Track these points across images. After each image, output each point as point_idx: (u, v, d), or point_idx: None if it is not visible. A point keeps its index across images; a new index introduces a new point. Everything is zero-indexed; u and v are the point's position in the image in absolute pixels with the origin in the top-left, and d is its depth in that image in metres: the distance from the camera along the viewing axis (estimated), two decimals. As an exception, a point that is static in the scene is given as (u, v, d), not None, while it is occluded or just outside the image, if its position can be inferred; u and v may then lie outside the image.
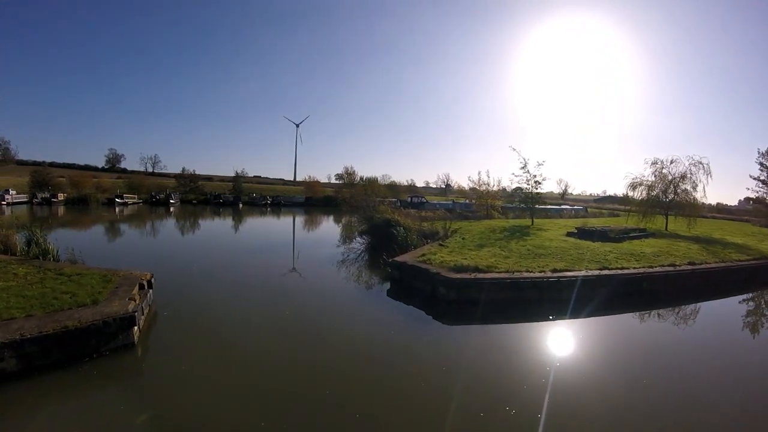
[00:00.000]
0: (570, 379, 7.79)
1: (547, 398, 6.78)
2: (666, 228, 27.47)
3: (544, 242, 19.33)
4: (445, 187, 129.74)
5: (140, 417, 5.90)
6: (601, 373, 8.25)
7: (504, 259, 14.72)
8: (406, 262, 13.40)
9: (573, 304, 11.92)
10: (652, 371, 8.38)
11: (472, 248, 16.89)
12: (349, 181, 73.99)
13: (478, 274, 12.15)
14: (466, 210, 41.77)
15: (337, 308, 12.09)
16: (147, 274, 10.38)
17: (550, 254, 16.18)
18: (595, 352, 9.56)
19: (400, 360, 8.47)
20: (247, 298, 12.37)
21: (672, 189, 28.10)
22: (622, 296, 13.33)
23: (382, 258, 16.33)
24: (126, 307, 8.01)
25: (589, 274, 13.52)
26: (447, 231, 20.96)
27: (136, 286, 9.36)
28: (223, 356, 8.19)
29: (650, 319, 12.29)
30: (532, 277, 12.66)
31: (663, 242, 20.72)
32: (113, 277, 9.91)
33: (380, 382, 7.49)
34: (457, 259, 13.64)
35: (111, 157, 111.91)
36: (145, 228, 33.72)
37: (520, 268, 13.43)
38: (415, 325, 10.82)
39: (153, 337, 8.86)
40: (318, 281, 15.60)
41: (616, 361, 8.98)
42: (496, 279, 11.94)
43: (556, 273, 13.35)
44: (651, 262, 15.74)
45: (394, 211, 23.83)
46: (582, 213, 54.79)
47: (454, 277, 11.52)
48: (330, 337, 9.57)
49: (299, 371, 7.67)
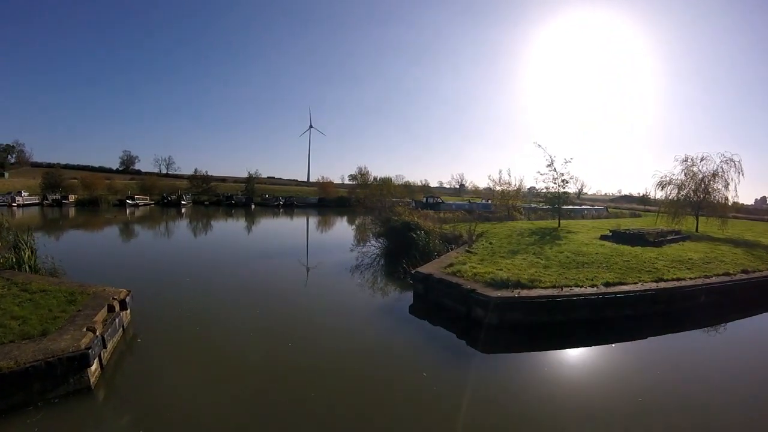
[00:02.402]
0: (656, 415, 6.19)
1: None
2: (696, 229, 25.75)
3: (581, 247, 17.20)
4: (459, 187, 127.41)
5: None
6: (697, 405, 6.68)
7: (544, 270, 12.61)
8: (432, 274, 11.33)
9: (632, 324, 10.28)
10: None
11: (504, 255, 14.82)
12: (362, 182, 72.29)
13: (522, 290, 10.05)
14: (486, 211, 39.51)
15: (352, 330, 10.13)
16: (122, 292, 8.59)
17: (593, 263, 14.06)
18: (673, 380, 7.89)
19: (429, 395, 6.83)
20: (246, 318, 10.42)
21: (703, 188, 26.43)
22: (682, 311, 11.59)
23: (402, 267, 14.39)
24: (78, 342, 6.18)
25: (647, 288, 11.49)
26: (472, 235, 18.84)
27: (103, 309, 7.56)
28: (210, 394, 6.45)
29: (722, 334, 10.89)
30: (585, 293, 10.52)
31: (703, 246, 18.92)
32: (80, 296, 8.14)
33: (406, 424, 5.95)
34: (491, 271, 11.57)
35: (125, 159, 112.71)
36: (149, 231, 32.29)
37: (568, 282, 11.31)
38: (444, 352, 8.83)
39: (122, 374, 7.05)
40: (330, 295, 13.57)
41: (701, 392, 7.39)
42: (545, 298, 9.83)
43: (611, 288, 11.25)
44: (704, 270, 13.84)
45: (412, 213, 21.82)
46: (604, 213, 52.11)
47: (494, 295, 9.42)
48: (346, 367, 7.86)
49: (308, 416, 5.97)
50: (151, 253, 21.02)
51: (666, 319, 11.03)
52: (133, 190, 61.46)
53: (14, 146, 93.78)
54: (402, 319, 10.96)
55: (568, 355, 9.03)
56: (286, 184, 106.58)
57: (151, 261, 18.42)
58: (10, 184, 60.86)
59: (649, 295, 11.23)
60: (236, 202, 64.09)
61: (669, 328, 10.62)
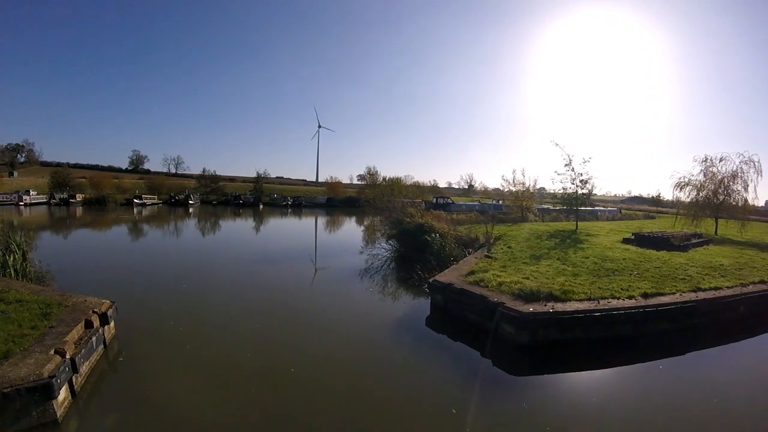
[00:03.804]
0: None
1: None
2: (716, 232, 24.76)
3: (605, 252, 16.05)
4: (468, 188, 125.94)
5: None
6: None
7: (574, 279, 11.45)
8: (452, 284, 10.19)
9: (671, 338, 9.36)
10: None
11: (527, 261, 13.69)
12: (371, 182, 71.26)
13: (555, 303, 8.91)
14: (498, 211, 38.21)
15: (363, 344, 9.10)
16: (104, 303, 7.62)
17: (623, 269, 12.90)
18: (725, 399, 7.10)
19: (451, 422, 5.94)
20: (246, 333, 9.38)
21: (722, 189, 25.47)
22: (722, 323, 10.52)
23: (416, 273, 13.31)
24: (41, 369, 5.20)
25: (687, 300, 10.35)
26: (490, 238, 17.67)
27: (78, 325, 6.58)
28: (202, 419, 5.57)
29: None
30: (624, 307, 9.35)
31: (729, 251, 17.92)
32: (56, 309, 7.18)
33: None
34: (518, 280, 10.44)
35: (134, 159, 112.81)
36: (152, 231, 31.48)
37: (603, 293, 10.15)
38: (467, 373, 7.76)
39: (99, 402, 6.07)
40: (338, 304, 12.49)
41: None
42: (582, 312, 8.66)
43: (650, 299, 10.11)
44: (738, 278, 12.75)
45: (425, 215, 20.71)
46: (618, 215, 50.43)
47: (526, 310, 8.26)
48: (357, 387, 7.03)
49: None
50: (150, 256, 20.11)
51: (706, 331, 10.01)
52: (141, 189, 61.14)
53: (24, 146, 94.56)
54: (418, 332, 9.89)
55: (607, 376, 8.02)
56: (294, 184, 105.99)
57: (148, 264, 17.47)
58: (19, 183, 60.86)
59: (689, 306, 10.14)
60: (244, 201, 63.52)
61: (711, 342, 9.69)
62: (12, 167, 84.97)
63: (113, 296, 8.82)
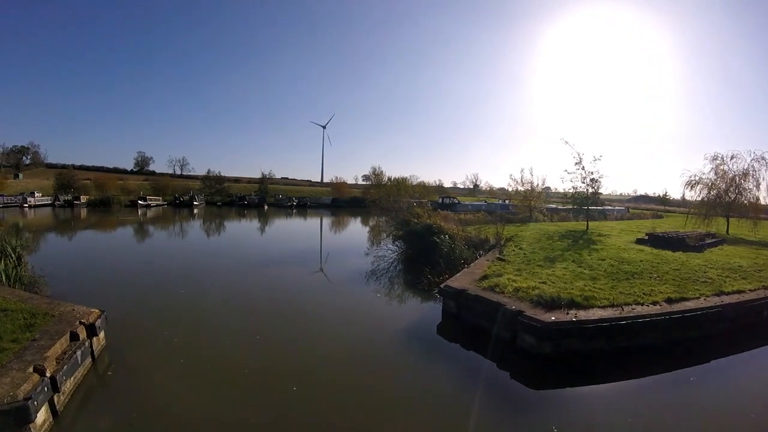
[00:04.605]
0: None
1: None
2: (727, 231, 24.14)
3: (620, 253, 15.42)
4: (473, 187, 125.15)
5: None
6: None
7: (593, 283, 10.81)
8: (466, 290, 9.57)
9: (694, 346, 8.79)
10: None
11: (542, 263, 13.06)
12: (376, 182, 70.69)
13: (578, 311, 8.28)
14: (506, 211, 37.53)
15: (369, 352, 8.56)
16: (92, 313, 7.09)
17: (641, 272, 12.28)
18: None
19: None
20: (246, 335, 8.85)
21: (734, 188, 24.83)
22: (745, 328, 9.97)
23: (426, 277, 12.73)
24: (17, 389, 4.67)
25: (712, 305, 9.73)
26: (501, 239, 17.04)
27: (63, 338, 6.06)
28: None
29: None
30: (650, 313, 8.73)
31: (745, 251, 17.30)
32: (41, 320, 6.67)
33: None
34: (535, 285, 9.81)
35: (139, 160, 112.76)
36: (154, 233, 31.11)
37: (626, 299, 9.51)
38: (483, 387, 7.14)
39: (84, 423, 5.55)
40: (344, 309, 11.90)
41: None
42: (607, 321, 8.04)
43: (675, 305, 9.49)
44: (759, 280, 12.15)
45: (432, 215, 20.10)
46: (626, 214, 49.52)
47: (547, 320, 7.63)
48: (365, 395, 6.65)
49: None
50: (150, 258, 19.62)
51: (729, 337, 9.40)
52: (145, 190, 61.04)
53: (29, 148, 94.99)
54: (429, 340, 9.31)
55: (636, 389, 7.38)
56: (299, 184, 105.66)
57: (148, 267, 16.96)
58: (24, 184, 60.99)
59: (715, 312, 9.53)
60: (249, 202, 63.34)
61: (733, 348, 9.14)
62: (17, 169, 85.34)
63: (108, 303, 8.36)
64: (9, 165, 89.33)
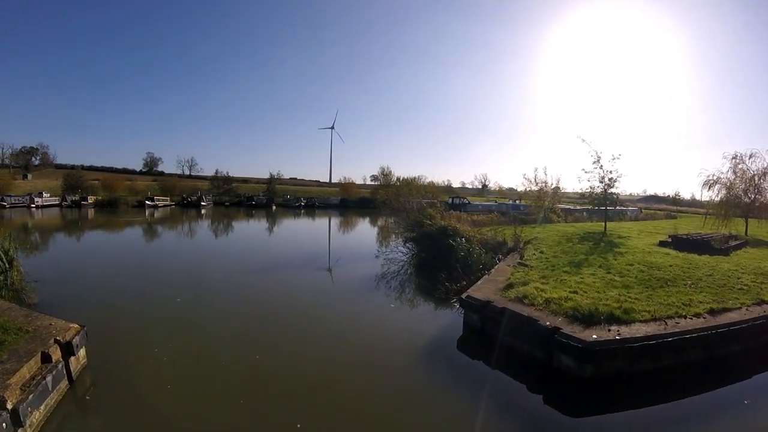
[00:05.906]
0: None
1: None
2: (746, 232, 23.17)
3: (646, 257, 14.38)
4: (482, 187, 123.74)
5: None
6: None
7: (627, 291, 9.80)
8: (491, 302, 8.58)
9: (740, 362, 7.96)
10: None
11: (567, 269, 12.04)
12: (385, 182, 69.88)
13: (619, 327, 7.30)
14: (518, 212, 36.41)
15: (382, 370, 7.65)
16: (71, 329, 6.26)
17: (675, 278, 11.27)
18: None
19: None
20: (248, 347, 7.98)
21: (753, 187, 23.95)
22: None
23: (443, 283, 11.81)
24: (-39, 430, 3.86)
25: (757, 315, 8.79)
26: (520, 242, 16.03)
27: (33, 359, 5.25)
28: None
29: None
30: (697, 328, 7.73)
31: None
32: (13, 336, 5.86)
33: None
34: (566, 295, 8.82)
35: (148, 161, 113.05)
36: (158, 235, 30.46)
37: (668, 311, 8.50)
38: (513, 414, 6.28)
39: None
40: (353, 318, 11.00)
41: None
42: (653, 337, 7.05)
43: (718, 317, 8.52)
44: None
45: (446, 216, 19.16)
46: (640, 215, 48.11)
47: (589, 339, 6.64)
48: (379, 414, 6.06)
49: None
50: (149, 262, 18.85)
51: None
52: (154, 191, 60.80)
53: (38, 148, 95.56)
54: (449, 356, 8.40)
55: (681, 411, 6.56)
56: (308, 185, 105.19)
57: (145, 272, 16.03)
58: (33, 185, 61.13)
59: (760, 323, 8.61)
60: (257, 203, 63.01)
61: None
62: (26, 170, 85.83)
63: (96, 313, 7.60)
64: (18, 166, 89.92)
